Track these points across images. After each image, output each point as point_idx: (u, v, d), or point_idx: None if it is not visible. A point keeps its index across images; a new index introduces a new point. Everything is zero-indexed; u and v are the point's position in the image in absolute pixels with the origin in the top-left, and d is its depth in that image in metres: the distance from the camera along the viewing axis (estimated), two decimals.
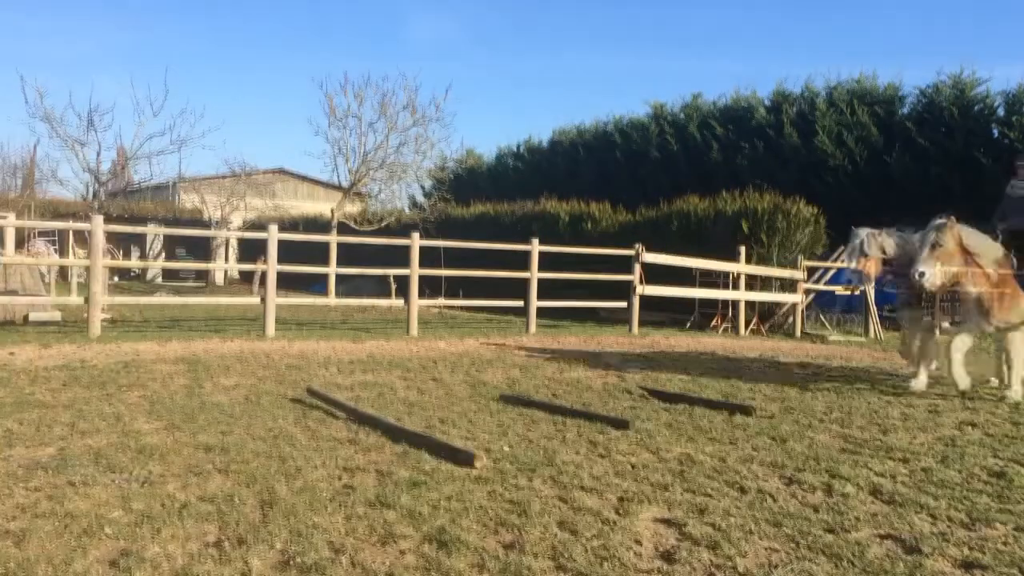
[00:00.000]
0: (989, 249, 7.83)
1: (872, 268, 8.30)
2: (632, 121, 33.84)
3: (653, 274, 14.63)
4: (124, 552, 3.26)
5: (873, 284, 9.00)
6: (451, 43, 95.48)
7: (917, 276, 7.36)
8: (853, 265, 8.33)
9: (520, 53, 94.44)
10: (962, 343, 7.91)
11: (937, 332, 8.38)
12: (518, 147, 38.58)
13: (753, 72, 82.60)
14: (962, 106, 26.04)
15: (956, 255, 7.58)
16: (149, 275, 31.24)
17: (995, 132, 26.03)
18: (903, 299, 8.74)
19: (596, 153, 33.47)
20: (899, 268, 8.34)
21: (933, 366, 8.60)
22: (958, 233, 7.60)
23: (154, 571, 3.11)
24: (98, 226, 10.78)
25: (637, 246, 14.37)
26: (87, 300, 10.78)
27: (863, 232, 8.41)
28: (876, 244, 8.26)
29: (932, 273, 7.42)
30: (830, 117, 27.76)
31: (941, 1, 71.43)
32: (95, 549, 3.29)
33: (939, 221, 7.61)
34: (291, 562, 3.21)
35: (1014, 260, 8.05)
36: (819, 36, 77.41)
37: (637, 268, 14.25)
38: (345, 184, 25.44)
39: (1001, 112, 26.01)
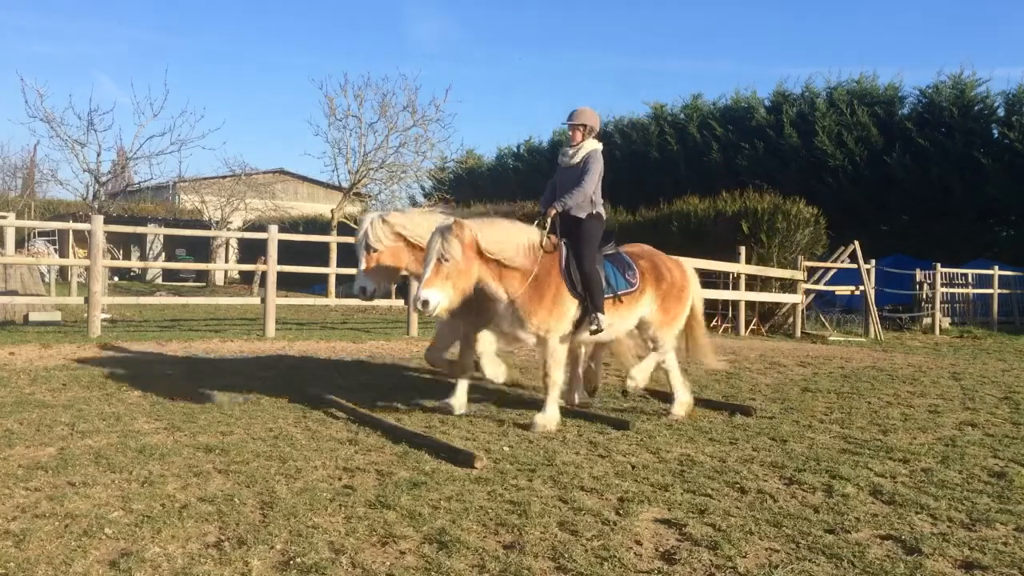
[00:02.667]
0: (512, 242, 5.77)
1: (389, 263, 6.22)
2: (632, 121, 33.84)
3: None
4: (124, 552, 3.25)
5: (381, 286, 6.37)
6: (451, 43, 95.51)
7: (420, 306, 5.40)
8: (361, 266, 6.18)
9: (520, 53, 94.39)
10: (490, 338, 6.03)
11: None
12: (518, 147, 38.57)
13: (753, 72, 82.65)
14: (962, 106, 26.05)
15: (472, 266, 5.62)
16: (149, 275, 31.24)
17: (995, 132, 26.04)
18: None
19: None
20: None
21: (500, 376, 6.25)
22: (471, 237, 5.58)
23: (154, 571, 3.11)
24: (98, 226, 10.78)
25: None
26: (87, 300, 10.78)
27: (368, 218, 6.24)
28: (387, 230, 6.13)
29: (439, 300, 5.44)
30: (830, 117, 27.76)
31: (941, 1, 71.42)
32: (95, 549, 3.29)
33: (443, 223, 5.64)
34: (291, 563, 3.21)
35: (564, 247, 6.03)
36: (819, 36, 77.41)
37: None
38: (345, 185, 25.44)
39: (1001, 112, 26.03)
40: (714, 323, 15.79)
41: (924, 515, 4.10)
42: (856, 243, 16.92)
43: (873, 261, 18.32)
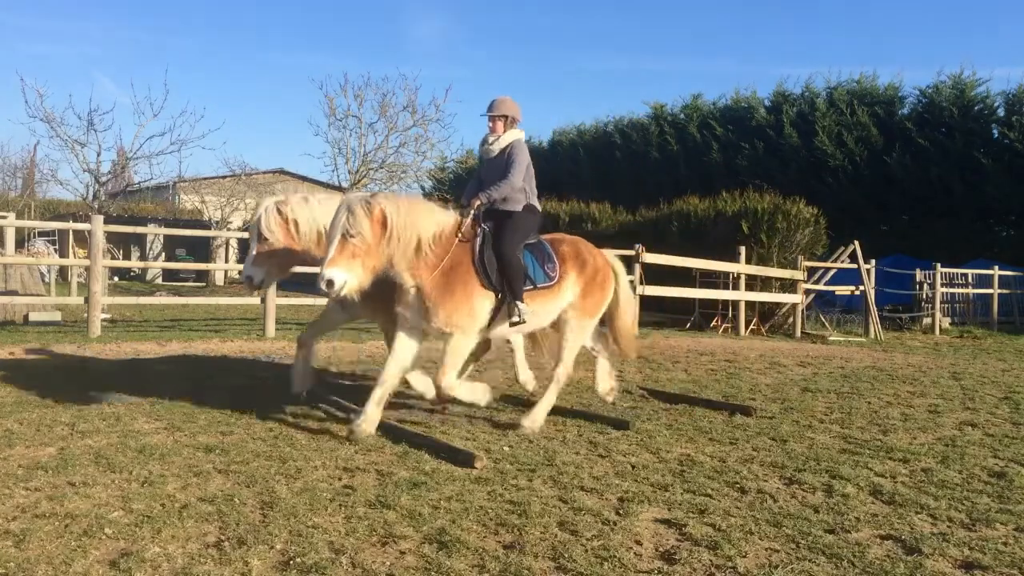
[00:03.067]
0: (425, 223, 5.38)
1: (282, 253, 5.85)
2: (632, 121, 33.84)
3: (653, 274, 14.63)
4: (124, 552, 3.25)
5: (272, 276, 6.02)
6: (451, 44, 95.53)
7: (324, 286, 5.02)
8: (251, 253, 5.85)
9: (520, 53, 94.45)
10: (406, 352, 5.59)
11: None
12: None
13: (753, 72, 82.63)
14: (962, 106, 26.06)
15: (381, 244, 5.20)
16: (149, 275, 31.23)
17: (995, 132, 26.04)
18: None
19: (596, 153, 33.45)
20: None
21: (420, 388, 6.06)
22: (380, 212, 5.18)
23: (154, 571, 3.11)
24: (98, 226, 10.78)
25: (637, 247, 14.37)
26: (87, 300, 10.78)
27: (264, 204, 5.91)
28: (281, 220, 5.77)
29: (346, 280, 5.05)
30: (830, 117, 27.76)
31: (941, 1, 71.44)
32: (95, 549, 3.29)
33: (355, 194, 5.39)
34: (291, 563, 3.21)
35: (485, 229, 5.69)
36: (819, 36, 77.40)
37: (637, 268, 14.25)
38: (345, 185, 25.44)
39: (1001, 112, 26.03)
40: (714, 323, 15.79)
41: (924, 515, 4.10)
42: (856, 243, 16.92)
43: (873, 261, 18.33)
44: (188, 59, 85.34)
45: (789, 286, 16.18)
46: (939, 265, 18.94)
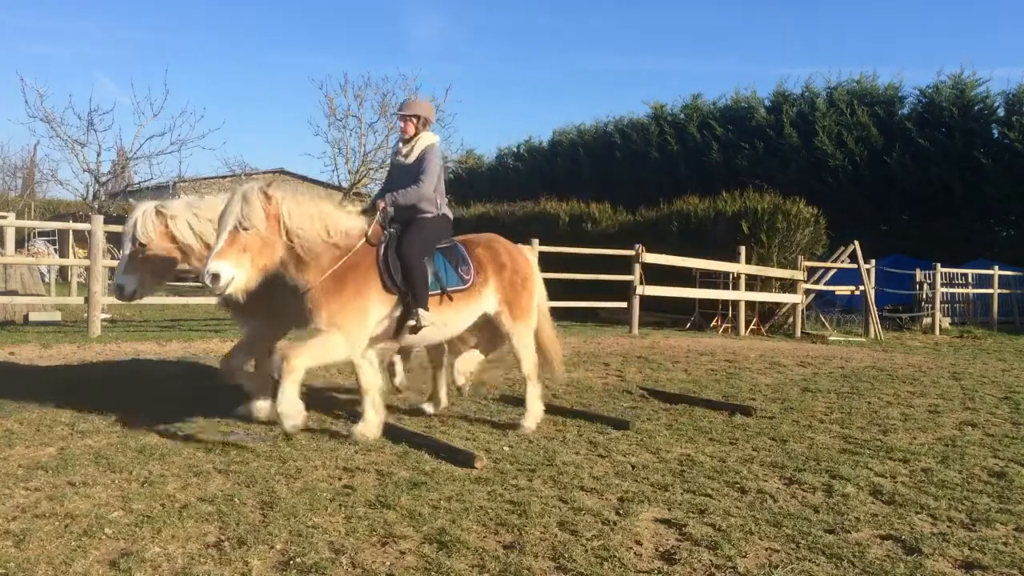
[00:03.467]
0: (324, 223, 5.12)
1: (160, 261, 5.49)
2: (632, 121, 33.83)
3: (653, 274, 14.63)
4: (124, 552, 3.25)
5: (147, 286, 5.59)
6: (451, 43, 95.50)
7: (209, 280, 4.70)
8: (123, 261, 5.54)
9: (520, 53, 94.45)
10: (311, 354, 5.08)
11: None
12: (518, 147, 38.55)
13: (753, 72, 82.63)
14: (962, 106, 26.05)
15: (276, 241, 4.92)
16: None
17: (995, 132, 26.04)
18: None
19: (596, 153, 33.44)
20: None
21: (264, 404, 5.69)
22: (277, 206, 4.92)
23: (154, 571, 3.11)
24: (98, 226, 10.78)
25: (637, 246, 14.37)
26: (87, 300, 10.77)
27: (141, 208, 5.51)
28: (158, 225, 5.42)
29: (234, 276, 4.72)
30: (830, 117, 27.76)
31: (941, 1, 71.44)
32: (95, 549, 3.29)
33: (252, 183, 5.10)
34: (291, 563, 3.21)
35: (391, 233, 5.44)
36: (819, 36, 77.40)
37: (637, 268, 14.25)
38: (345, 185, 25.45)
39: (1001, 112, 26.02)
40: (714, 323, 15.79)
41: (924, 515, 4.10)
42: (856, 243, 16.92)
43: (873, 261, 18.33)
44: (188, 59, 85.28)
45: (789, 286, 16.18)
46: (939, 265, 18.94)
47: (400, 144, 5.92)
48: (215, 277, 4.70)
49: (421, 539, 3.51)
